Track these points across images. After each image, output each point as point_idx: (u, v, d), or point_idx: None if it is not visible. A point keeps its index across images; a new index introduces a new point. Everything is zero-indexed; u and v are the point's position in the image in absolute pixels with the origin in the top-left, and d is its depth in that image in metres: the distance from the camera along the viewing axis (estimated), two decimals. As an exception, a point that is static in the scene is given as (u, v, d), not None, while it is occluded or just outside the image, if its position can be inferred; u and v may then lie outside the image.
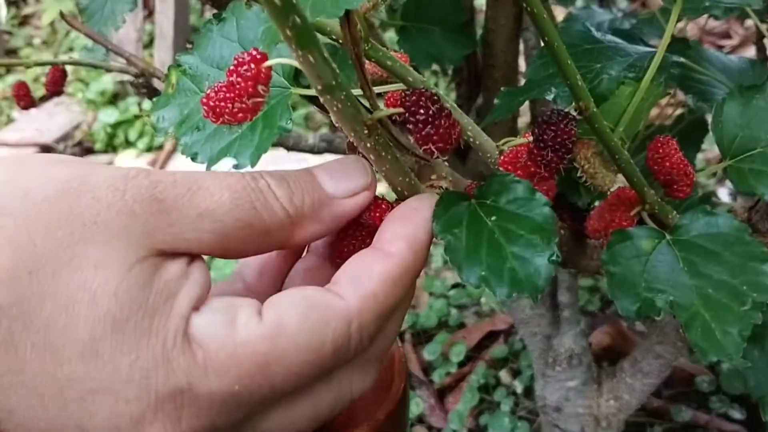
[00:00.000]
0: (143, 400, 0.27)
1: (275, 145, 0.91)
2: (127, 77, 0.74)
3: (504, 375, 1.24)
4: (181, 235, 0.29)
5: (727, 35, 2.15)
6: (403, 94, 0.31)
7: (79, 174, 0.29)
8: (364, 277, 0.31)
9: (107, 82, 2.33)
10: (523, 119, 1.44)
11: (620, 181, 0.44)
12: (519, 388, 1.20)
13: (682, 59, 0.57)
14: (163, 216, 0.29)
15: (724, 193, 1.49)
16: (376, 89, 0.41)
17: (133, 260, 0.28)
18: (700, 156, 1.51)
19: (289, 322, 0.29)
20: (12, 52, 2.76)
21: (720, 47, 2.07)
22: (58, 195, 0.28)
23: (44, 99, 2.37)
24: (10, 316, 0.26)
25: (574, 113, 0.38)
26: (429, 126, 0.29)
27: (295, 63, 0.27)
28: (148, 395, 0.27)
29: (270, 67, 0.29)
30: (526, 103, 0.69)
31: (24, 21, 2.96)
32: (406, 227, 0.33)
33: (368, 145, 0.31)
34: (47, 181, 0.28)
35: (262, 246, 0.32)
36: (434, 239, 0.34)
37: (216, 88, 0.29)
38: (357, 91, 0.33)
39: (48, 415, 0.27)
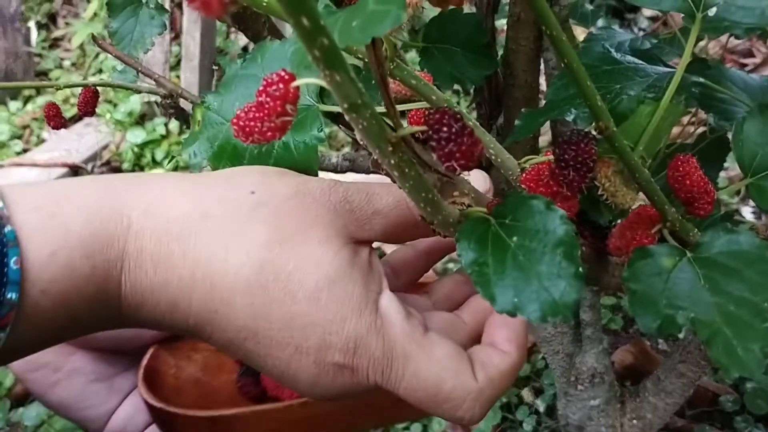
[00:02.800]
0: (339, 335, 0.39)
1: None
2: (154, 98, 0.76)
3: (526, 393, 1.23)
4: (363, 227, 0.42)
5: (749, 54, 2.14)
6: (426, 112, 0.32)
7: (300, 182, 0.42)
8: (489, 366, 0.42)
9: (135, 103, 2.37)
10: (545, 138, 1.44)
11: (641, 199, 0.44)
12: (541, 406, 1.20)
13: (701, 79, 0.57)
14: (352, 214, 0.42)
15: (747, 212, 1.48)
16: (400, 107, 0.42)
17: (342, 243, 0.40)
18: (722, 174, 1.50)
19: (434, 356, 0.40)
20: (42, 74, 2.81)
21: (743, 65, 2.06)
22: (293, 195, 0.41)
23: (73, 120, 2.42)
24: (269, 272, 0.38)
25: (595, 133, 0.39)
26: (452, 143, 0.30)
27: (322, 83, 0.28)
28: (342, 332, 0.39)
29: (298, 87, 0.30)
30: (547, 122, 0.70)
31: (54, 44, 3.02)
32: (511, 332, 0.44)
33: (392, 162, 0.32)
34: (285, 185, 0.41)
35: (413, 235, 0.45)
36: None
37: (246, 109, 0.30)
38: (380, 109, 0.34)
39: (277, 336, 0.39)
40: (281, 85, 0.29)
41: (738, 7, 0.42)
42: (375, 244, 0.45)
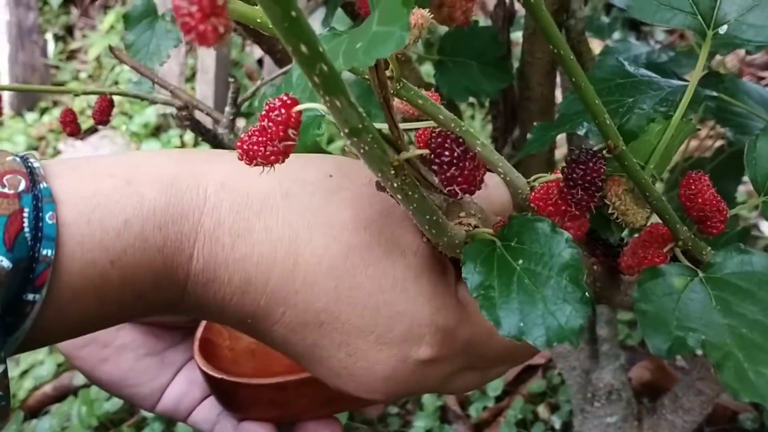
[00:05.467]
0: (427, 327, 0.38)
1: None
2: (170, 110, 0.77)
3: (542, 410, 1.22)
4: None
5: (767, 67, 2.12)
6: (429, 135, 0.32)
7: (369, 171, 0.41)
8: None
9: (150, 114, 2.39)
10: (561, 151, 1.44)
11: (654, 217, 0.44)
12: (557, 423, 1.19)
13: (715, 93, 0.57)
14: None
15: (766, 226, 1.46)
16: (409, 126, 0.42)
17: (420, 234, 0.39)
18: (741, 188, 1.48)
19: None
20: (59, 85, 2.84)
21: (760, 78, 2.04)
22: (368, 184, 0.40)
23: (89, 132, 2.44)
24: (355, 256, 0.38)
25: (603, 152, 0.38)
26: (454, 168, 0.29)
27: (323, 108, 0.28)
28: (431, 324, 0.39)
29: (300, 112, 0.30)
30: (564, 135, 0.69)
31: (71, 56, 3.05)
32: None
33: (395, 185, 0.32)
34: (362, 172, 0.40)
35: None
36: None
37: (249, 133, 0.30)
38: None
39: (360, 323, 0.38)
40: (283, 110, 0.29)
41: (749, 25, 0.41)
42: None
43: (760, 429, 1.09)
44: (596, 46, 1.28)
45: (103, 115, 0.75)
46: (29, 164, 0.34)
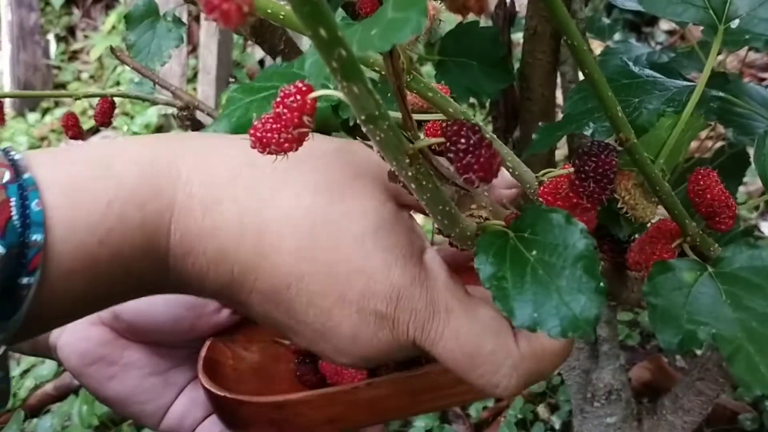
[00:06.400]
0: (383, 283, 0.39)
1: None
2: (171, 111, 0.76)
3: (542, 410, 1.22)
4: (405, 193, 0.40)
5: None
6: (443, 124, 0.32)
7: (344, 141, 0.43)
8: (536, 340, 0.41)
9: (152, 115, 2.39)
10: (561, 152, 1.44)
11: (661, 213, 0.44)
12: (557, 423, 1.18)
13: (721, 93, 0.57)
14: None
15: (766, 227, 1.46)
16: (416, 117, 0.42)
17: (385, 198, 0.41)
18: (741, 189, 1.49)
19: (477, 315, 0.40)
20: (61, 86, 2.84)
21: (761, 80, 2.05)
22: (338, 150, 0.41)
23: (91, 132, 2.44)
24: (316, 216, 0.38)
25: (615, 144, 0.38)
26: (470, 155, 0.29)
27: (340, 94, 0.28)
28: (387, 281, 0.39)
29: (315, 99, 0.30)
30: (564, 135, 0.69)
31: (73, 56, 3.05)
32: None
33: (409, 174, 0.31)
34: (330, 141, 0.42)
35: None
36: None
37: (263, 120, 0.30)
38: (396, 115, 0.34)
39: (322, 281, 0.38)
40: (298, 97, 0.29)
41: (761, 19, 0.41)
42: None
43: (759, 429, 1.09)
44: (596, 46, 1.28)
45: (105, 117, 0.75)
46: (11, 156, 0.36)
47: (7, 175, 0.35)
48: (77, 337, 0.53)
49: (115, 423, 1.31)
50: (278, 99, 0.30)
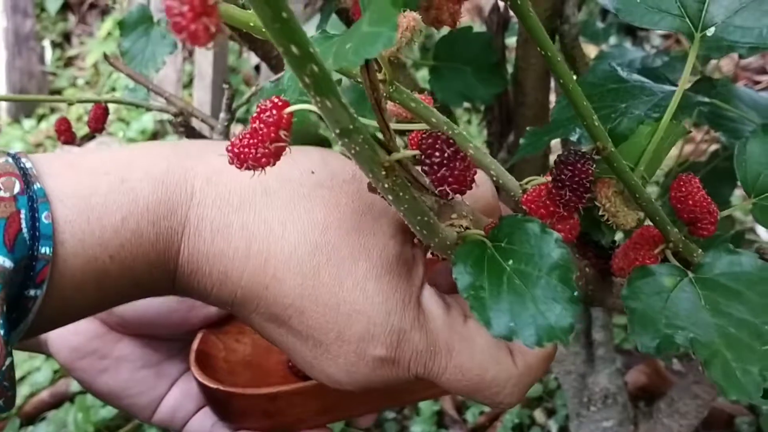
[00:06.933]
0: (383, 327, 0.40)
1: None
2: (166, 116, 0.77)
3: (538, 414, 1.22)
4: None
5: (763, 71, 2.13)
6: (420, 136, 0.32)
7: (356, 169, 0.42)
8: (527, 353, 0.43)
9: (147, 121, 2.39)
10: (555, 155, 1.44)
11: (643, 219, 0.44)
12: (554, 428, 1.19)
13: (707, 99, 0.57)
14: None
15: (762, 230, 1.46)
16: (402, 127, 0.43)
17: (391, 233, 0.41)
18: (737, 192, 1.49)
19: (476, 346, 0.41)
20: (56, 92, 2.84)
21: (756, 83, 2.05)
22: (351, 180, 0.42)
23: (86, 138, 2.45)
24: (321, 255, 0.39)
25: (591, 153, 0.39)
26: (444, 168, 0.30)
27: (314, 108, 0.29)
28: (387, 325, 0.40)
29: (291, 113, 0.30)
30: (558, 139, 0.70)
31: (68, 62, 3.06)
32: None
33: (386, 185, 0.32)
34: (344, 168, 0.42)
35: None
36: None
37: (240, 136, 0.31)
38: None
39: (322, 320, 0.39)
40: (274, 112, 0.30)
41: (736, 27, 0.41)
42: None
43: (755, 432, 1.10)
44: (592, 51, 1.29)
45: (98, 123, 0.75)
46: (22, 165, 0.36)
47: (17, 186, 0.35)
48: (68, 330, 0.53)
49: (110, 430, 1.32)
50: (255, 114, 0.30)
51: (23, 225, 0.34)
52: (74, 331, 0.53)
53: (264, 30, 0.37)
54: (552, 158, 1.05)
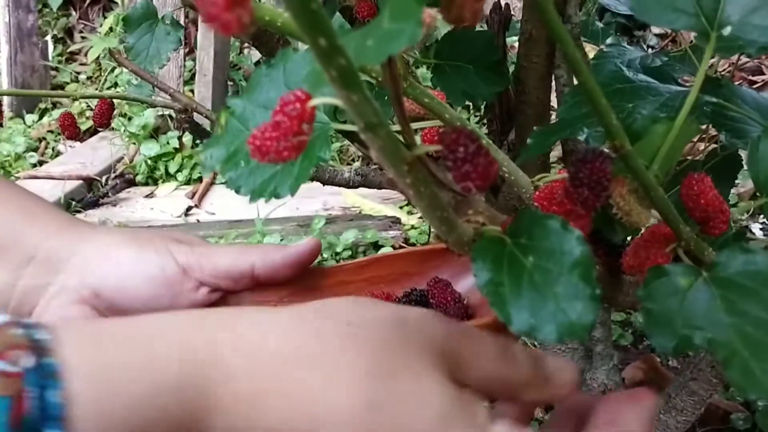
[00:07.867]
0: None
1: (311, 179, 0.92)
2: (168, 112, 0.77)
3: (536, 410, 1.22)
4: (468, 372, 0.39)
5: (759, 71, 2.14)
6: (441, 131, 0.32)
7: (397, 309, 0.41)
8: None
9: (149, 116, 2.38)
10: (555, 153, 1.44)
11: (655, 217, 0.44)
12: (551, 425, 1.19)
13: (714, 98, 0.57)
14: (453, 354, 0.39)
15: (757, 228, 1.47)
16: (415, 125, 0.42)
17: (447, 378, 0.38)
18: (732, 191, 1.50)
19: None
20: (58, 87, 2.82)
21: (752, 83, 2.06)
22: (389, 323, 0.39)
23: (88, 133, 2.44)
24: (374, 411, 0.36)
25: (609, 152, 0.38)
26: (468, 164, 0.30)
27: (338, 102, 0.28)
28: None
29: (314, 107, 0.30)
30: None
31: (70, 58, 3.05)
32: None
33: (408, 181, 0.32)
34: (380, 312, 0.40)
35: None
36: None
37: (262, 128, 0.30)
38: (395, 127, 0.34)
39: None
40: (298, 105, 0.29)
41: (754, 26, 0.41)
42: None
43: (751, 429, 1.10)
44: (590, 50, 1.29)
45: (104, 118, 0.75)
46: (34, 337, 0.34)
47: (26, 361, 0.32)
48: (58, 316, 0.51)
49: None
50: (277, 107, 0.30)
51: (31, 405, 0.32)
52: (63, 317, 0.51)
53: (280, 23, 0.37)
54: (552, 154, 1.05)
